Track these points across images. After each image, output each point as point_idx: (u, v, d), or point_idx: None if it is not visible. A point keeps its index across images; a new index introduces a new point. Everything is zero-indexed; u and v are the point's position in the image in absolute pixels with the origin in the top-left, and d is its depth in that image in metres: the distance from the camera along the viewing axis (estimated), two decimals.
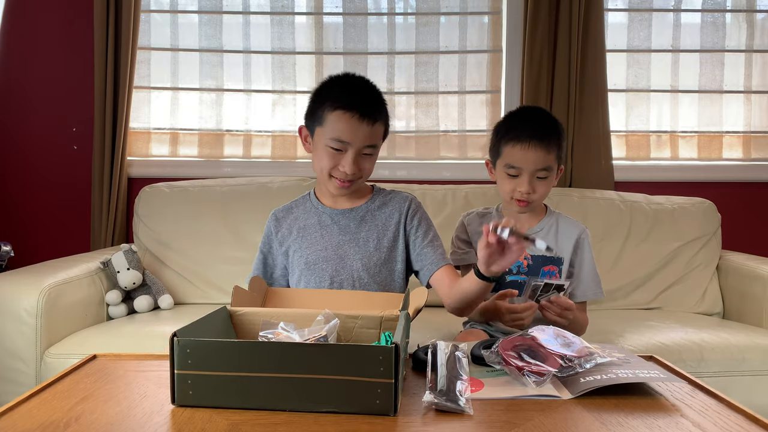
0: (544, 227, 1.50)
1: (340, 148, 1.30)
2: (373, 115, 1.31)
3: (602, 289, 1.53)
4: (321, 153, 1.33)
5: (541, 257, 1.47)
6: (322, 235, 1.40)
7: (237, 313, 1.04)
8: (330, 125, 1.31)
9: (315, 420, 0.81)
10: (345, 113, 1.29)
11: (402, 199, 1.45)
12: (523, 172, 1.40)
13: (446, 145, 2.55)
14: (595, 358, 0.97)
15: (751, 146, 2.55)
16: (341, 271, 1.38)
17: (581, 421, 0.82)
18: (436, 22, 2.54)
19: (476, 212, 1.58)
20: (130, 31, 2.34)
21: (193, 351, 0.83)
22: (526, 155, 1.39)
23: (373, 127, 1.31)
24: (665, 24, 2.54)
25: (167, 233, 2.20)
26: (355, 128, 1.29)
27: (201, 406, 0.84)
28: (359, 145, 1.30)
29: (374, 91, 1.36)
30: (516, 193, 1.42)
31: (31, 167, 2.51)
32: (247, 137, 2.55)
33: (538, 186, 1.42)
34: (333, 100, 1.31)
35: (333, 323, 0.97)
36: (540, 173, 1.41)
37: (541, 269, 1.46)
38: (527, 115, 1.50)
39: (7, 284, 1.69)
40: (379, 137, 1.35)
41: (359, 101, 1.31)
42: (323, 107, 1.32)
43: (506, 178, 1.44)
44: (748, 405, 0.86)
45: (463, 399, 0.85)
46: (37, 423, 0.80)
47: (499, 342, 1.00)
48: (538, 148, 1.39)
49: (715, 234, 2.24)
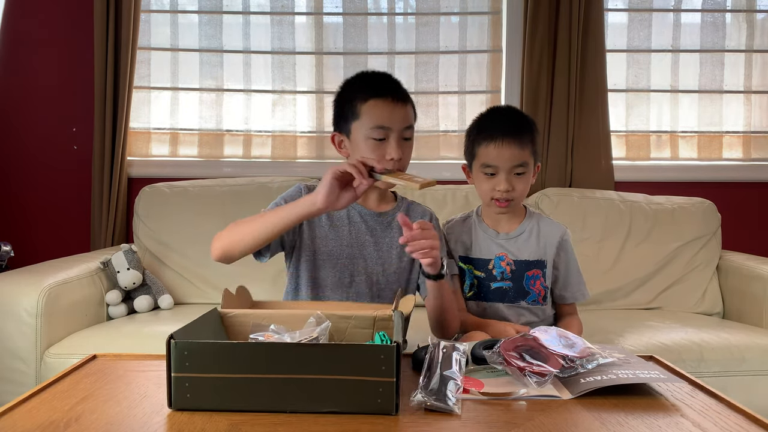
0: (525, 230, 1.47)
1: (382, 136, 1.30)
2: (404, 97, 1.34)
3: (587, 291, 1.51)
4: (363, 148, 1.31)
5: (524, 262, 1.44)
6: (350, 231, 1.39)
7: (228, 315, 1.03)
8: (367, 116, 1.30)
9: (315, 420, 0.81)
10: (379, 100, 1.30)
11: (423, 212, 1.46)
12: (499, 170, 1.39)
13: (446, 145, 2.55)
14: (597, 358, 0.97)
15: (751, 146, 2.55)
16: (361, 271, 1.38)
17: (581, 421, 0.82)
18: (436, 22, 2.54)
19: (456, 219, 1.55)
20: (130, 31, 2.34)
21: (191, 353, 0.83)
22: (501, 152, 1.38)
23: (406, 108, 1.33)
24: (665, 24, 2.54)
25: (167, 233, 2.20)
26: (392, 111, 1.30)
27: (199, 410, 0.83)
28: (400, 127, 1.31)
29: (396, 79, 1.38)
30: (495, 192, 1.40)
31: (31, 167, 2.51)
32: (247, 137, 2.55)
33: (517, 183, 1.40)
34: (363, 93, 1.32)
35: (324, 325, 0.97)
36: (517, 169, 1.39)
37: (525, 274, 1.45)
38: (498, 113, 1.50)
39: (7, 284, 1.69)
40: (413, 118, 1.37)
41: (388, 86, 1.33)
42: (354, 103, 1.32)
43: (484, 179, 1.43)
44: (748, 405, 0.86)
45: (453, 399, 0.84)
46: (37, 423, 0.80)
47: (501, 342, 0.99)
48: (512, 145, 1.38)
49: (715, 234, 2.24)
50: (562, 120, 2.41)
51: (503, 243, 1.46)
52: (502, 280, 1.45)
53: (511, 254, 1.45)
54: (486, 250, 1.47)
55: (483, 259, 1.46)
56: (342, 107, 1.36)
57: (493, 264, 1.45)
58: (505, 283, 1.45)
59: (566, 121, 2.40)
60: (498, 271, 1.45)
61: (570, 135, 2.41)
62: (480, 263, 1.47)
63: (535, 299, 1.45)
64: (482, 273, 1.46)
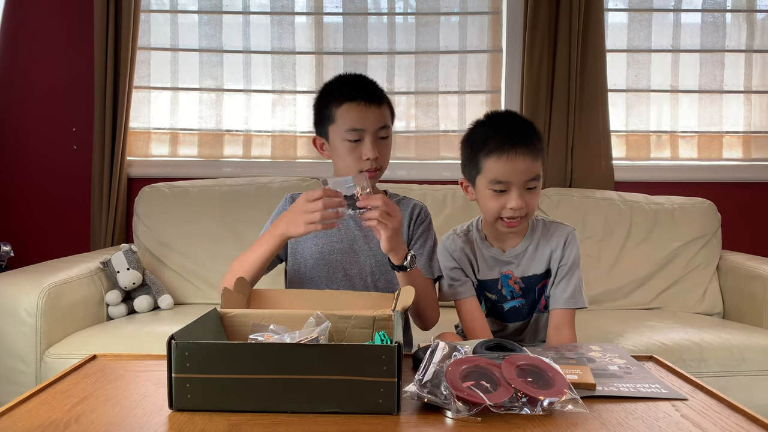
0: (531, 243, 1.37)
1: (357, 138, 1.33)
2: (378, 98, 1.36)
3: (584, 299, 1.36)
4: (340, 150, 1.36)
5: (532, 277, 1.37)
6: (339, 228, 1.41)
7: (227, 315, 1.03)
8: (341, 119, 1.34)
9: (315, 420, 0.81)
10: (352, 103, 1.34)
11: (414, 205, 1.47)
12: (511, 186, 1.25)
13: (446, 145, 2.55)
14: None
15: (751, 146, 2.55)
16: (354, 266, 1.39)
17: (581, 421, 0.82)
18: (436, 22, 2.54)
19: (455, 233, 1.44)
20: (130, 31, 2.34)
21: (191, 354, 0.83)
22: (515, 166, 1.24)
23: (380, 109, 1.36)
24: (665, 24, 2.54)
25: (167, 233, 2.20)
26: (365, 113, 1.33)
27: (200, 410, 0.83)
28: (373, 128, 1.34)
29: (371, 80, 1.42)
30: (506, 211, 1.27)
31: (31, 167, 2.51)
32: (246, 137, 2.55)
33: (529, 199, 1.27)
34: (337, 97, 1.36)
35: (324, 325, 0.97)
36: (530, 183, 1.26)
37: (536, 288, 1.38)
38: (501, 121, 1.36)
39: (7, 284, 1.69)
40: (389, 118, 1.39)
41: (361, 89, 1.36)
42: (329, 107, 1.36)
43: (491, 197, 1.28)
44: (748, 405, 0.86)
45: (445, 393, 0.84)
46: (37, 423, 0.80)
47: (449, 364, 0.88)
48: (526, 156, 1.24)
49: (715, 234, 2.24)
50: (562, 120, 2.41)
51: (510, 260, 1.38)
52: (513, 299, 1.39)
53: (519, 272, 1.37)
54: (492, 270, 1.39)
55: (491, 280, 1.40)
56: (320, 111, 1.40)
57: (501, 284, 1.39)
58: (516, 301, 1.39)
59: (566, 121, 2.40)
60: (507, 291, 1.39)
61: (570, 135, 2.41)
62: (489, 285, 1.40)
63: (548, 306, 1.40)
64: (494, 295, 1.41)
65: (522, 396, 0.84)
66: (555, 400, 0.83)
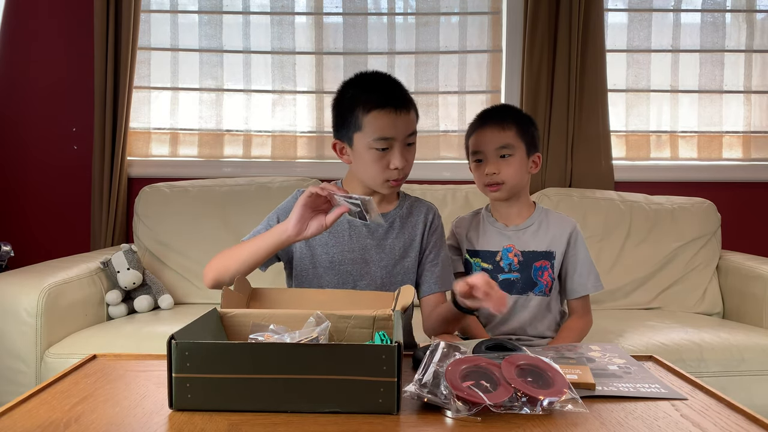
0: (534, 222, 1.48)
1: (386, 146, 1.29)
2: (407, 104, 1.31)
3: (601, 282, 1.49)
4: (366, 158, 1.30)
5: (532, 253, 1.45)
6: (351, 236, 1.37)
7: (227, 315, 1.03)
8: (369, 127, 1.28)
9: (315, 420, 0.81)
10: (381, 111, 1.27)
11: (427, 209, 1.44)
12: (484, 155, 1.44)
13: (446, 145, 2.55)
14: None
15: (751, 146, 2.55)
16: (364, 275, 1.36)
17: (581, 421, 0.82)
18: (436, 22, 2.54)
19: (466, 216, 1.58)
20: (130, 31, 2.34)
21: (192, 354, 0.83)
22: (483, 137, 1.44)
23: (409, 115, 1.32)
24: (665, 24, 2.54)
25: (167, 233, 2.20)
26: (395, 121, 1.28)
27: (200, 410, 0.83)
28: (403, 136, 1.30)
29: (397, 82, 1.35)
30: (485, 177, 1.44)
31: (31, 167, 2.51)
32: (246, 137, 2.55)
33: (503, 167, 1.42)
34: (364, 103, 1.28)
35: (324, 325, 0.96)
36: (501, 152, 1.42)
37: (533, 265, 1.45)
38: (487, 109, 1.55)
39: (7, 284, 1.69)
40: (416, 122, 1.36)
41: (390, 95, 1.30)
42: (355, 113, 1.29)
43: (475, 168, 1.47)
44: (748, 405, 0.86)
45: (445, 393, 0.84)
46: (37, 423, 0.80)
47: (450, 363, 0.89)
48: (493, 128, 1.43)
49: (715, 234, 2.24)
50: (562, 120, 2.41)
51: (511, 235, 1.48)
52: (509, 272, 1.46)
53: (519, 245, 1.46)
54: (494, 242, 1.48)
55: (490, 251, 1.47)
56: (343, 115, 1.32)
57: (501, 255, 1.46)
58: (513, 274, 1.45)
59: (566, 121, 2.40)
60: (506, 263, 1.46)
61: (570, 135, 2.41)
62: (487, 255, 1.47)
63: (543, 290, 1.45)
64: (489, 265, 1.47)
65: (522, 396, 0.84)
66: (555, 399, 0.84)
